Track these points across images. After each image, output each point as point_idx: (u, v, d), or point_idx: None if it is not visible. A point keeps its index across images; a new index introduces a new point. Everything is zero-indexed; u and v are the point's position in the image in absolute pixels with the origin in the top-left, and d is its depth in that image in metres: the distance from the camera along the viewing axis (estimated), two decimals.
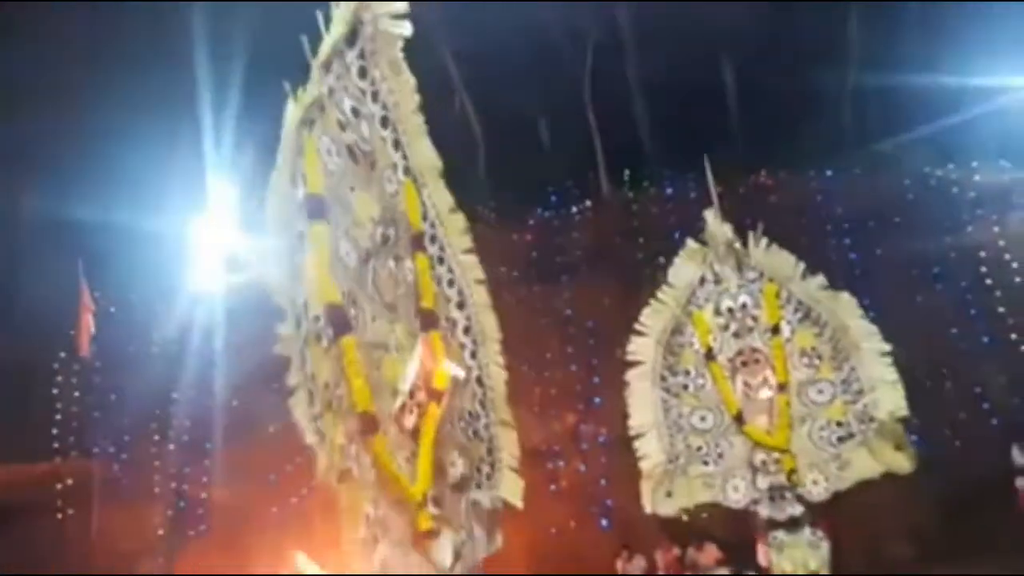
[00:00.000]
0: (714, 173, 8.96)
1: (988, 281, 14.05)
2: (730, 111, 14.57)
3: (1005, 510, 11.69)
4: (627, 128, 15.85)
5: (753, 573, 8.46)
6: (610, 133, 15.80)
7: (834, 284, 13.81)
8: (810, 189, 14.77)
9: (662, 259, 9.85)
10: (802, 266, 8.48)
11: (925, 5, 12.93)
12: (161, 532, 14.02)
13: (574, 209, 15.89)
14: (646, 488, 8.17)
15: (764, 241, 8.58)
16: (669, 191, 15.29)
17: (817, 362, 8.22)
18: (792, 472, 7.90)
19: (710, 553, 10.98)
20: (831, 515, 8.59)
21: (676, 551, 12.03)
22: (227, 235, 13.18)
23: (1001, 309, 13.90)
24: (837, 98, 13.43)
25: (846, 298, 8.39)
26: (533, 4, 12.70)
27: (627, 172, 15.94)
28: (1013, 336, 13.74)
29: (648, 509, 8.23)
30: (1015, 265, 13.92)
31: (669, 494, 8.19)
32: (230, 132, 11.92)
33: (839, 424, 8.03)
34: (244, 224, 12.64)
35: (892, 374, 8.06)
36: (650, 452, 8.25)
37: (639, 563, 12.22)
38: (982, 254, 14.17)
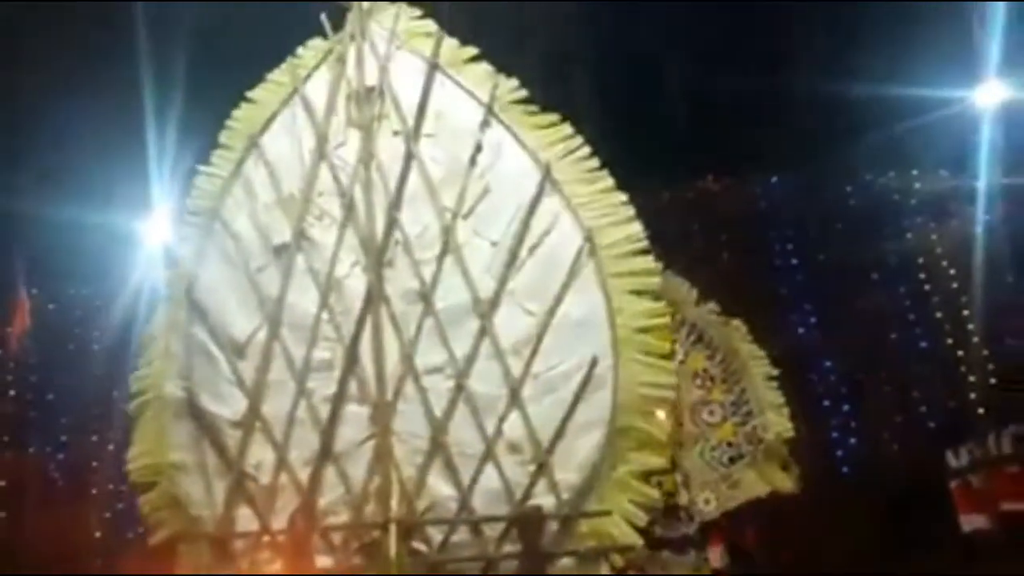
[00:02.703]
0: (663, 178, 9.09)
1: (926, 287, 14.32)
2: (680, 116, 14.67)
3: (940, 511, 11.94)
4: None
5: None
6: None
7: (777, 289, 14.18)
8: (755, 195, 14.97)
9: None
10: (695, 292, 8.90)
11: (871, 17, 13.11)
12: (99, 534, 13.74)
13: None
14: None
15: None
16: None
17: (709, 384, 8.65)
18: (670, 494, 7.97)
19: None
20: (770, 518, 8.77)
21: None
22: (169, 231, 12.93)
23: (938, 315, 14.16)
24: (783, 106, 13.57)
25: (736, 324, 8.78)
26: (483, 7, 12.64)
27: None
28: (949, 341, 14.01)
29: None
30: (952, 272, 14.18)
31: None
32: (174, 126, 11.67)
33: (729, 444, 8.47)
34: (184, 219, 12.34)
35: (779, 398, 8.52)
36: None
37: None
38: (920, 260, 14.43)
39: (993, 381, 13.58)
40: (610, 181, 5.39)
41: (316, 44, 5.97)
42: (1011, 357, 13.55)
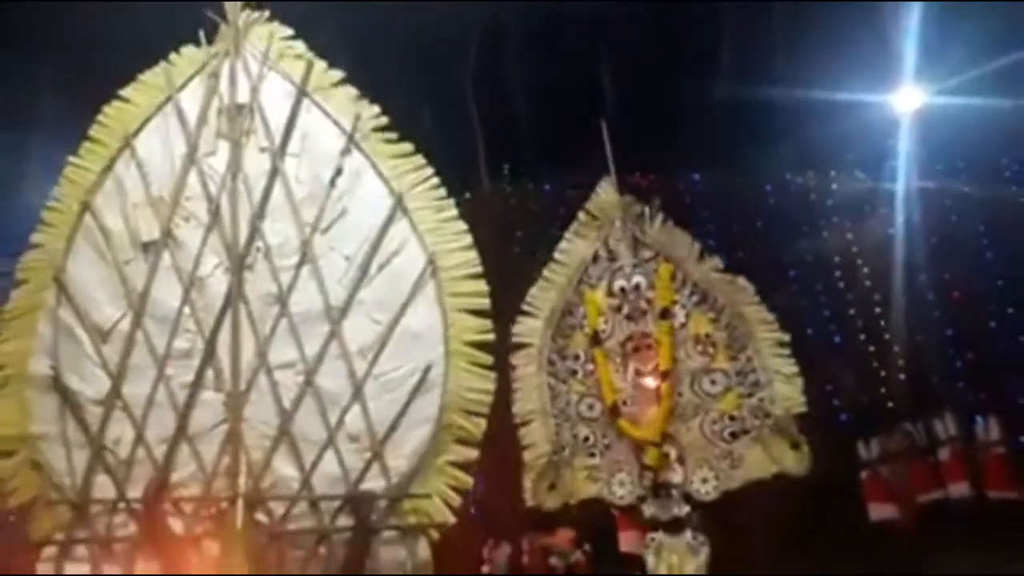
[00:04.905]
0: (590, 172, 8.96)
1: (841, 285, 14.74)
2: (608, 112, 14.85)
3: (851, 501, 12.36)
4: (508, 123, 15.92)
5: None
6: (492, 127, 15.86)
7: None
8: (678, 192, 15.22)
9: (537, 254, 9.67)
10: (698, 246, 7.91)
11: (791, 22, 13.44)
12: None
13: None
14: (528, 480, 7.52)
15: (660, 217, 8.12)
16: (548, 188, 15.50)
17: (711, 350, 7.53)
18: (650, 467, 7.13)
19: (564, 535, 10.93)
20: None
21: (543, 539, 12.12)
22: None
23: (852, 311, 14.59)
24: (707, 106, 13.86)
25: (742, 283, 7.77)
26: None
27: (507, 167, 16.05)
28: (862, 337, 14.45)
29: (530, 502, 7.52)
30: (866, 270, 14.61)
31: (552, 487, 7.47)
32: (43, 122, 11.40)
33: (732, 418, 7.30)
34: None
35: (790, 366, 7.42)
36: (535, 441, 7.63)
37: (504, 550, 12.36)
38: (836, 259, 14.85)
39: (903, 376, 14.08)
40: (454, 211, 6.27)
41: (189, 52, 6.49)
42: (921, 353, 14.07)
